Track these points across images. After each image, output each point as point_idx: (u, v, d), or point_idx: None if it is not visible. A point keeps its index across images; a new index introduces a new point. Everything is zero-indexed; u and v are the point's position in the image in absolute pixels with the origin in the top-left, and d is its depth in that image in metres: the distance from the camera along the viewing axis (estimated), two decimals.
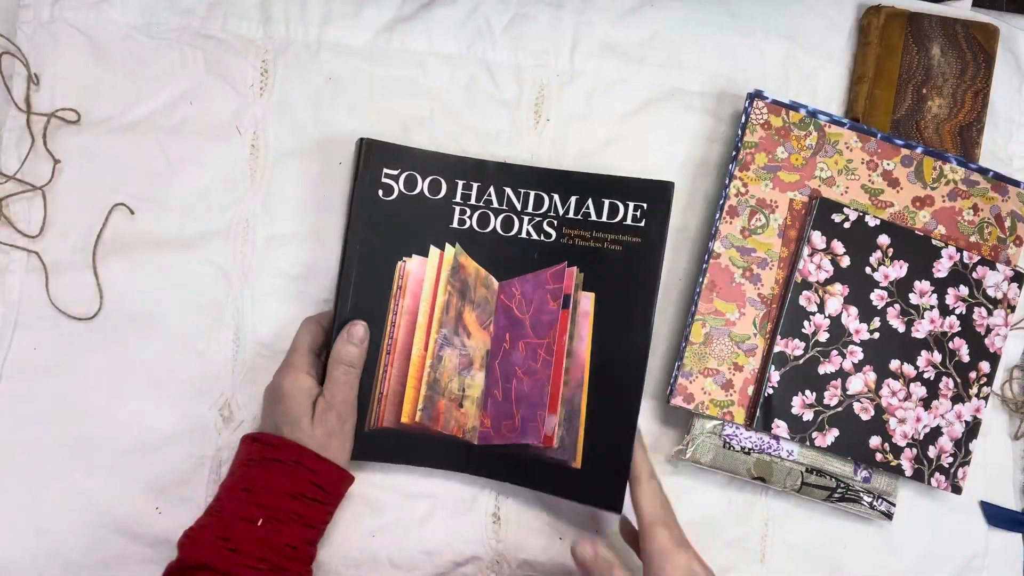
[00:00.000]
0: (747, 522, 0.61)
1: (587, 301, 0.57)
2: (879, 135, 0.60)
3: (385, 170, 0.58)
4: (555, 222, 0.58)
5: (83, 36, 0.61)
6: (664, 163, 0.63)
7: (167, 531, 0.57)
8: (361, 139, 0.58)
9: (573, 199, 0.58)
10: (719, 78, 0.64)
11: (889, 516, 0.60)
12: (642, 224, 0.57)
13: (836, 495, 0.59)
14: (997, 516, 0.63)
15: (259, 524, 0.49)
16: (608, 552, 0.51)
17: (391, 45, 0.63)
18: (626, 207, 0.57)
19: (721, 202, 0.59)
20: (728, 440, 0.59)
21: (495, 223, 0.59)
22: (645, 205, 0.57)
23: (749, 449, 0.59)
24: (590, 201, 0.58)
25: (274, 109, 0.61)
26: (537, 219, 0.59)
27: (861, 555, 0.61)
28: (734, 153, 0.60)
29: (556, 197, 0.58)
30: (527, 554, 0.59)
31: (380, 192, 0.58)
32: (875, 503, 0.59)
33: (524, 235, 0.59)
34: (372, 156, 0.58)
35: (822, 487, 0.59)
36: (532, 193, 0.59)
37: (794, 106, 0.60)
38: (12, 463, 0.57)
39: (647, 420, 0.61)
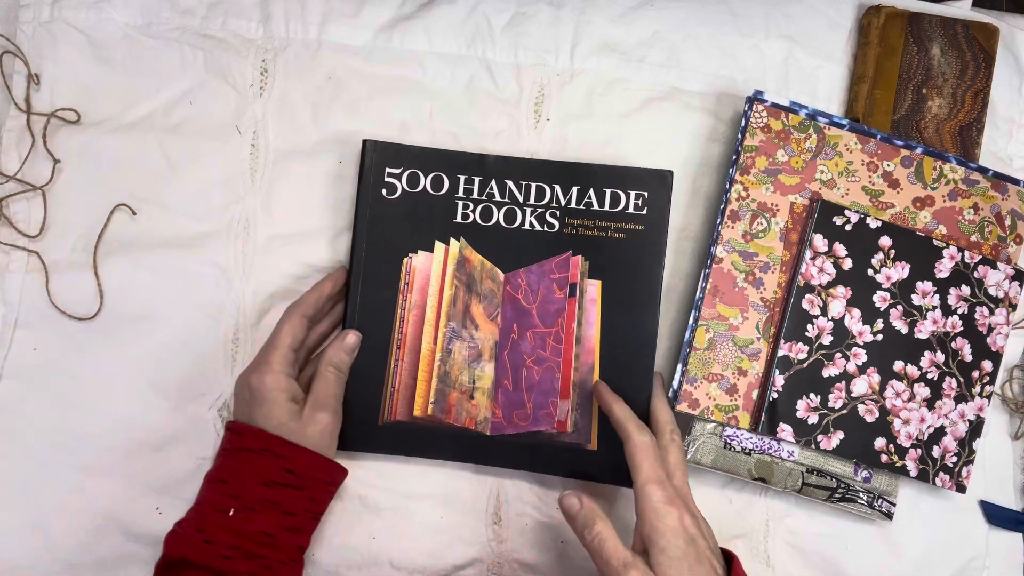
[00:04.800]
0: (747, 522, 0.61)
1: (593, 289, 0.58)
2: (879, 136, 0.60)
3: (388, 169, 0.59)
4: (557, 212, 0.59)
5: (83, 36, 0.61)
6: (664, 163, 0.62)
7: (167, 531, 0.57)
8: (364, 140, 0.59)
9: (575, 189, 0.59)
10: (719, 78, 0.64)
11: (889, 516, 0.60)
12: (644, 212, 0.59)
13: (837, 495, 0.59)
14: (998, 516, 0.63)
15: (231, 514, 0.50)
16: (593, 503, 0.50)
17: (391, 45, 0.63)
18: (627, 196, 0.59)
19: (722, 206, 0.59)
20: (729, 441, 0.58)
21: (498, 216, 0.59)
22: (646, 194, 0.59)
23: (750, 450, 0.59)
24: (591, 191, 0.59)
25: (274, 109, 0.61)
26: (540, 210, 0.59)
27: (862, 555, 0.61)
28: (734, 157, 0.59)
29: (558, 188, 0.59)
30: (528, 555, 0.59)
31: (384, 191, 0.59)
32: (875, 503, 0.59)
33: (527, 227, 0.59)
34: (374, 156, 0.59)
35: (823, 487, 0.59)
36: (534, 185, 0.59)
37: (793, 108, 0.60)
38: (12, 463, 0.57)
39: (647, 420, 0.60)
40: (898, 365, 0.59)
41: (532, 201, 0.59)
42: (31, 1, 0.61)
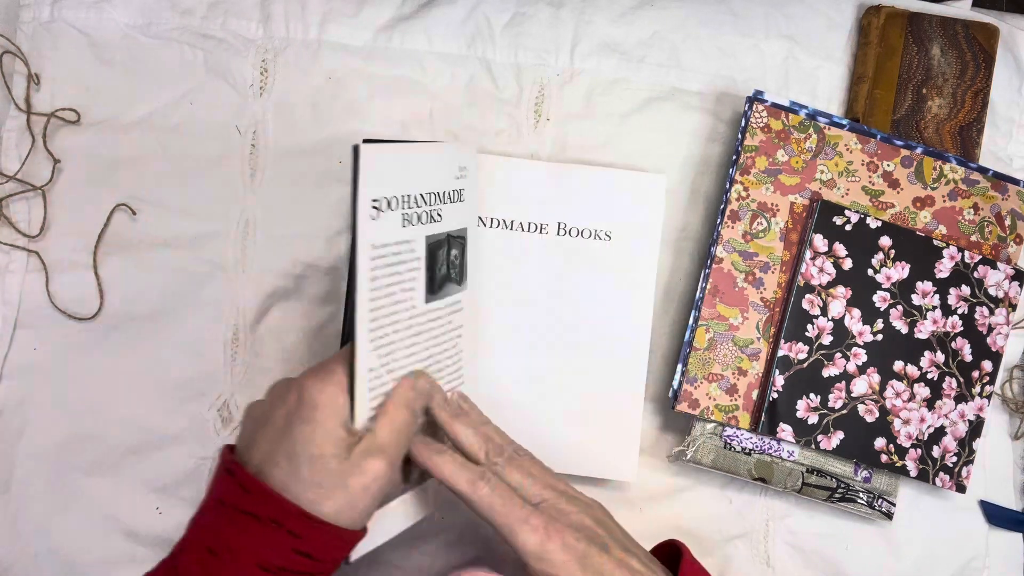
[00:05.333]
0: (747, 522, 0.61)
1: None
2: (879, 136, 0.60)
3: None
4: None
5: (83, 36, 0.61)
6: (664, 163, 0.63)
7: (167, 531, 0.57)
8: (357, 145, 0.58)
9: None
10: (719, 78, 0.64)
11: (889, 516, 0.60)
12: None
13: (836, 495, 0.59)
14: (997, 516, 0.63)
15: None
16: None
17: (391, 45, 0.63)
18: None
19: (722, 206, 0.59)
20: (729, 441, 0.58)
21: None
22: None
23: (750, 450, 0.59)
24: None
25: (274, 109, 0.61)
26: None
27: (861, 555, 0.61)
28: (734, 157, 0.59)
29: None
30: None
31: None
32: (875, 503, 0.59)
33: None
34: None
35: (823, 487, 0.59)
36: None
37: (794, 108, 0.60)
38: (12, 463, 0.57)
39: (648, 422, 0.60)
40: (898, 365, 0.59)
41: None
42: (31, 1, 0.61)
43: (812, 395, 0.58)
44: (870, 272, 0.59)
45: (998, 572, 0.63)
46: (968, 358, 0.60)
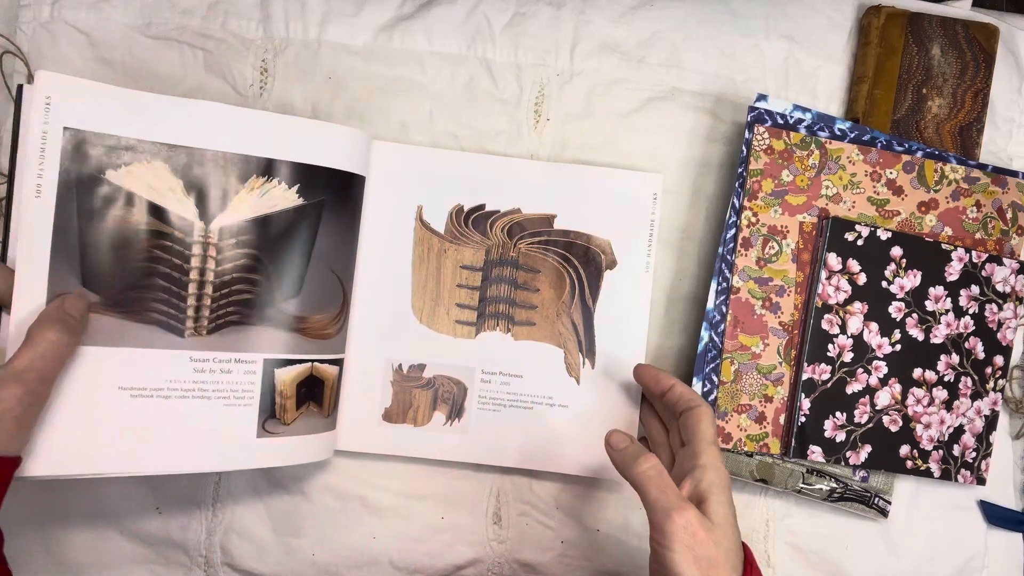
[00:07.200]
0: (748, 522, 0.61)
1: None
2: (879, 144, 0.60)
3: None
4: None
5: (83, 36, 0.61)
6: (664, 163, 0.63)
7: (167, 531, 0.57)
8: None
9: None
10: (719, 78, 0.64)
11: (885, 513, 0.60)
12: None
13: (835, 495, 0.59)
14: (997, 516, 0.63)
15: None
16: (640, 444, 0.50)
17: (391, 45, 0.62)
18: None
19: (733, 233, 0.59)
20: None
21: None
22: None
23: (751, 452, 0.59)
24: None
25: (274, 109, 0.61)
26: None
27: (861, 555, 0.61)
28: (739, 182, 0.59)
29: None
30: (528, 555, 0.59)
31: None
32: (872, 501, 0.60)
33: None
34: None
35: (822, 487, 0.59)
36: None
37: (793, 125, 0.60)
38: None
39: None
40: (917, 372, 0.59)
41: None
42: (31, 1, 0.61)
43: (838, 413, 0.58)
44: (884, 284, 0.59)
45: (997, 572, 0.63)
46: (981, 355, 0.60)
